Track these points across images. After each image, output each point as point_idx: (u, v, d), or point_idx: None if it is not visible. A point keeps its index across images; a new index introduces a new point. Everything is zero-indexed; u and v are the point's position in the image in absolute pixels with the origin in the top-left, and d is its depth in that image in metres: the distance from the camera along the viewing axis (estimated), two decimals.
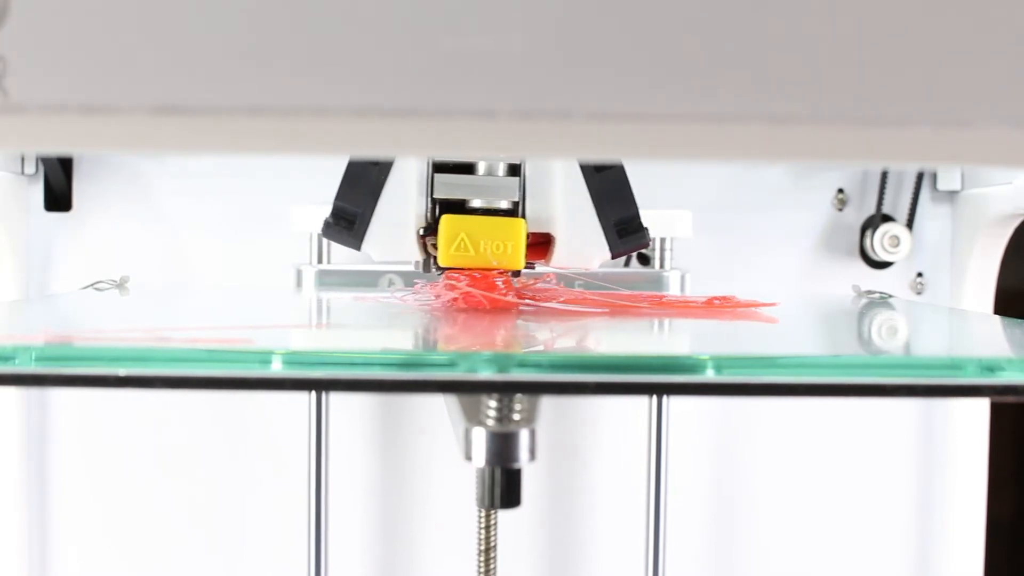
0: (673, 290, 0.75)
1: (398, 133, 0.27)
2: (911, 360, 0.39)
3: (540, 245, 0.54)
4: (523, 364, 0.36)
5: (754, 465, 0.85)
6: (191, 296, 0.73)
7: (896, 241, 0.82)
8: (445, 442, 0.84)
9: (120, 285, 0.71)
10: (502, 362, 0.36)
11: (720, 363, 0.36)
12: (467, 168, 0.52)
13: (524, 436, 0.36)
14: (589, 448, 0.85)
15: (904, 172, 0.83)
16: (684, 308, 0.56)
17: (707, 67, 0.26)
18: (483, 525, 0.72)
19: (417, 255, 0.54)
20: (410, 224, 0.52)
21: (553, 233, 0.53)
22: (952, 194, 0.84)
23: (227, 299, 0.70)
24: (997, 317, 0.62)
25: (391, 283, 0.78)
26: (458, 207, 0.53)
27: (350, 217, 0.52)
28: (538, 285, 0.56)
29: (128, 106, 0.26)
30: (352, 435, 0.83)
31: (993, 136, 0.27)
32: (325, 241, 0.80)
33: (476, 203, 0.53)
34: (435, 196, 0.52)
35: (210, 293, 0.76)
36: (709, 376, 0.36)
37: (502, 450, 0.36)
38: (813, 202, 0.85)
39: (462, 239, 0.51)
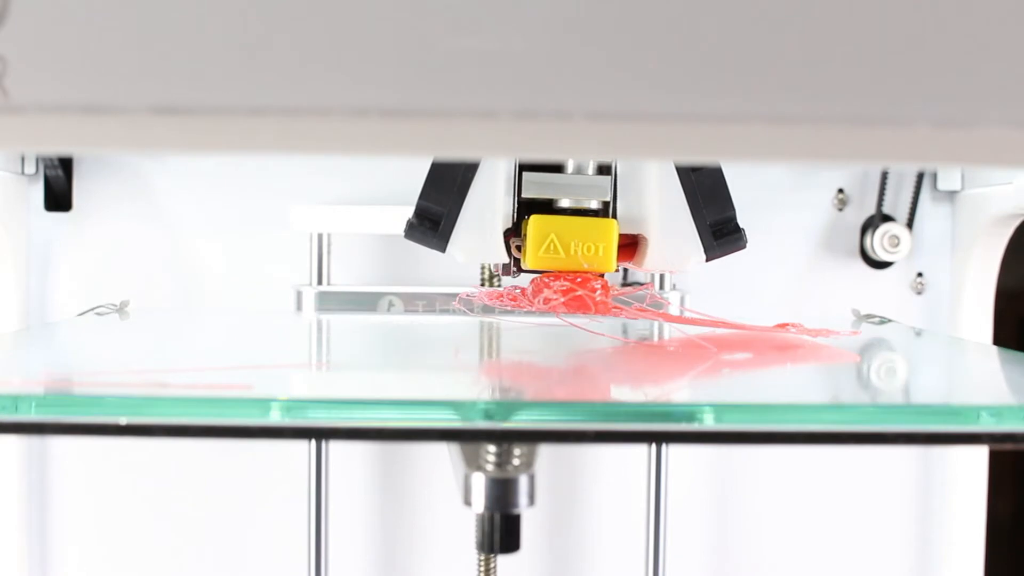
0: (672, 309, 0.75)
1: (398, 133, 0.27)
2: (911, 408, 0.39)
3: (627, 247, 0.52)
4: (522, 412, 0.36)
5: (755, 487, 0.85)
6: (191, 324, 0.72)
7: (896, 241, 0.82)
8: (445, 485, 0.84)
9: (120, 309, 0.71)
10: (501, 411, 0.36)
11: (719, 411, 0.36)
12: (555, 167, 0.50)
13: (523, 482, 0.36)
14: (588, 491, 0.85)
15: (904, 172, 0.84)
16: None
17: (707, 67, 0.26)
18: (483, 569, 0.72)
19: (503, 257, 0.52)
20: (497, 225, 0.50)
21: (645, 234, 0.51)
22: (952, 194, 0.84)
23: (230, 329, 0.69)
24: (995, 349, 0.62)
25: (391, 305, 0.78)
26: (544, 207, 0.51)
27: (435, 218, 0.50)
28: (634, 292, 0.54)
29: (128, 106, 0.26)
30: (352, 478, 0.83)
31: (993, 136, 0.27)
32: (325, 260, 0.80)
33: (564, 203, 0.51)
34: (524, 196, 0.50)
35: (211, 320, 0.76)
36: (708, 425, 0.36)
37: (501, 496, 0.36)
38: (813, 202, 0.85)
39: (552, 240, 0.49)
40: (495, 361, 0.54)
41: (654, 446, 0.73)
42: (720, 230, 0.51)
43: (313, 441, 0.73)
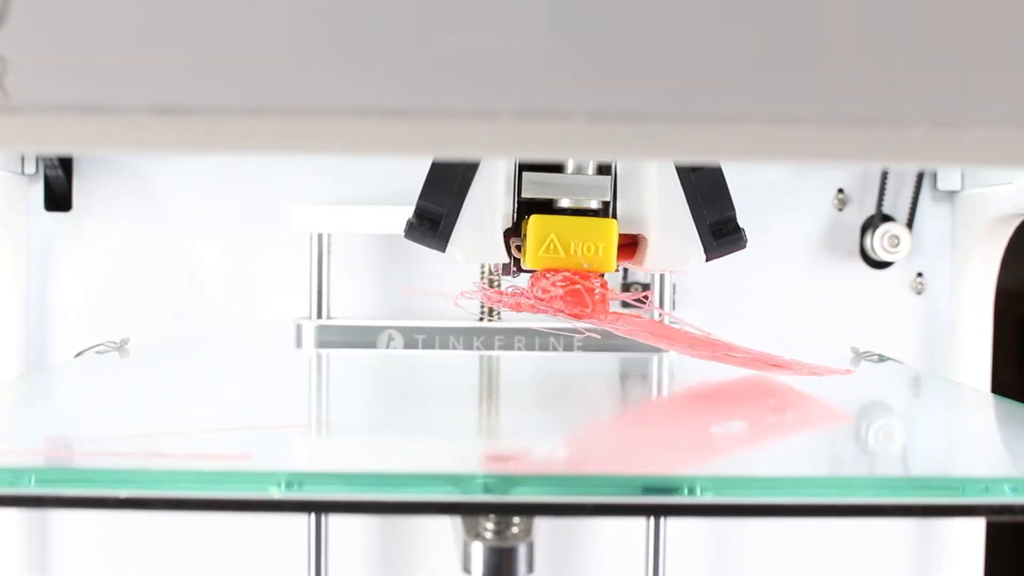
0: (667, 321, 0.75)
1: (398, 133, 0.27)
2: (909, 481, 0.39)
3: (627, 246, 0.52)
4: (520, 486, 0.36)
5: (755, 546, 0.85)
6: (190, 368, 0.71)
7: (896, 241, 0.82)
8: (446, 552, 0.84)
9: (120, 347, 0.70)
10: (500, 485, 0.36)
11: (718, 485, 0.36)
12: (554, 167, 0.50)
13: (522, 550, 0.36)
14: (587, 558, 0.85)
15: (904, 172, 0.84)
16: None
17: (707, 67, 0.26)
18: None
19: (503, 257, 0.52)
20: (497, 225, 0.50)
21: (645, 234, 0.51)
22: (952, 194, 0.84)
23: (229, 374, 0.69)
24: (992, 398, 0.61)
25: (391, 339, 0.78)
26: (544, 207, 0.51)
27: (434, 218, 0.50)
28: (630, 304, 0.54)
29: (128, 106, 0.26)
30: (353, 543, 0.83)
31: (993, 136, 0.27)
32: (325, 292, 0.80)
33: (564, 203, 0.51)
34: (524, 196, 0.50)
35: (210, 362, 0.75)
36: (706, 498, 0.36)
37: (500, 564, 0.36)
38: (813, 202, 0.85)
39: (552, 240, 0.49)
40: (494, 415, 0.54)
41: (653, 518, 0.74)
42: (720, 230, 0.50)
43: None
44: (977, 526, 0.83)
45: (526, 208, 0.51)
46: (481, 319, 0.80)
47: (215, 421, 0.50)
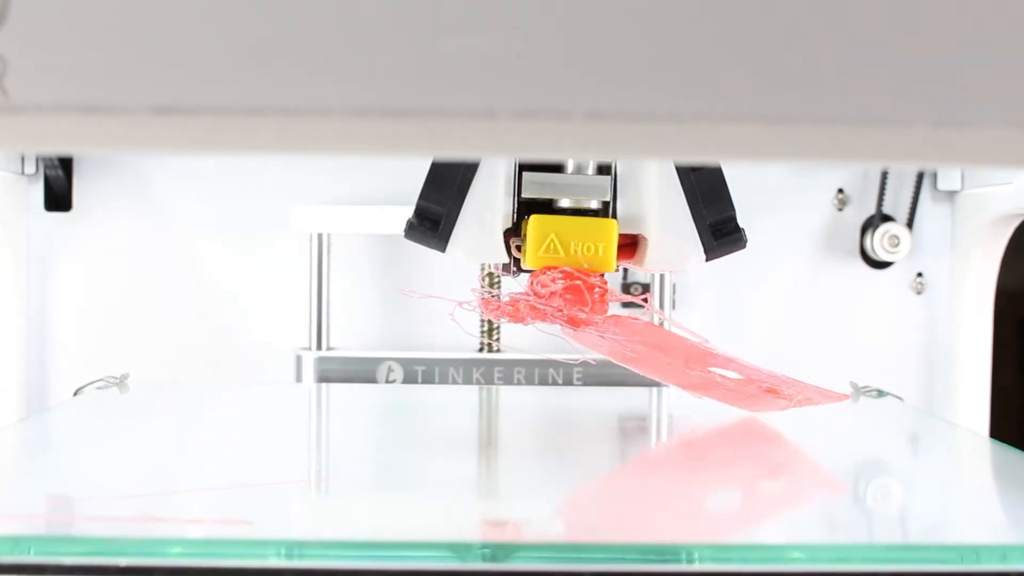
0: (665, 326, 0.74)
1: (398, 133, 0.27)
2: (908, 548, 0.40)
3: (627, 246, 0.52)
4: (518, 555, 0.37)
5: None
6: (190, 407, 0.71)
7: (896, 241, 0.82)
8: None
9: (120, 382, 0.70)
10: (499, 554, 0.37)
11: (716, 552, 0.37)
12: (554, 167, 0.51)
13: None
14: None
15: (904, 172, 0.84)
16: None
17: (707, 67, 0.26)
18: None
19: (503, 257, 0.52)
20: (497, 225, 0.50)
21: (645, 234, 0.51)
22: (952, 194, 0.85)
23: (228, 417, 0.68)
24: (989, 445, 0.61)
25: (390, 371, 0.78)
26: (544, 207, 0.51)
27: (434, 218, 0.50)
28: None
29: (128, 106, 0.26)
30: None
31: (993, 136, 0.27)
32: (325, 321, 0.80)
33: (564, 203, 0.51)
34: (524, 196, 0.50)
35: (209, 401, 0.74)
36: (707, 566, 0.37)
37: None
38: (813, 202, 0.85)
39: (552, 240, 0.49)
40: (493, 468, 0.54)
41: None
42: (720, 230, 0.51)
43: None
44: None
45: (526, 208, 0.51)
46: (481, 349, 0.80)
47: (217, 471, 0.51)
